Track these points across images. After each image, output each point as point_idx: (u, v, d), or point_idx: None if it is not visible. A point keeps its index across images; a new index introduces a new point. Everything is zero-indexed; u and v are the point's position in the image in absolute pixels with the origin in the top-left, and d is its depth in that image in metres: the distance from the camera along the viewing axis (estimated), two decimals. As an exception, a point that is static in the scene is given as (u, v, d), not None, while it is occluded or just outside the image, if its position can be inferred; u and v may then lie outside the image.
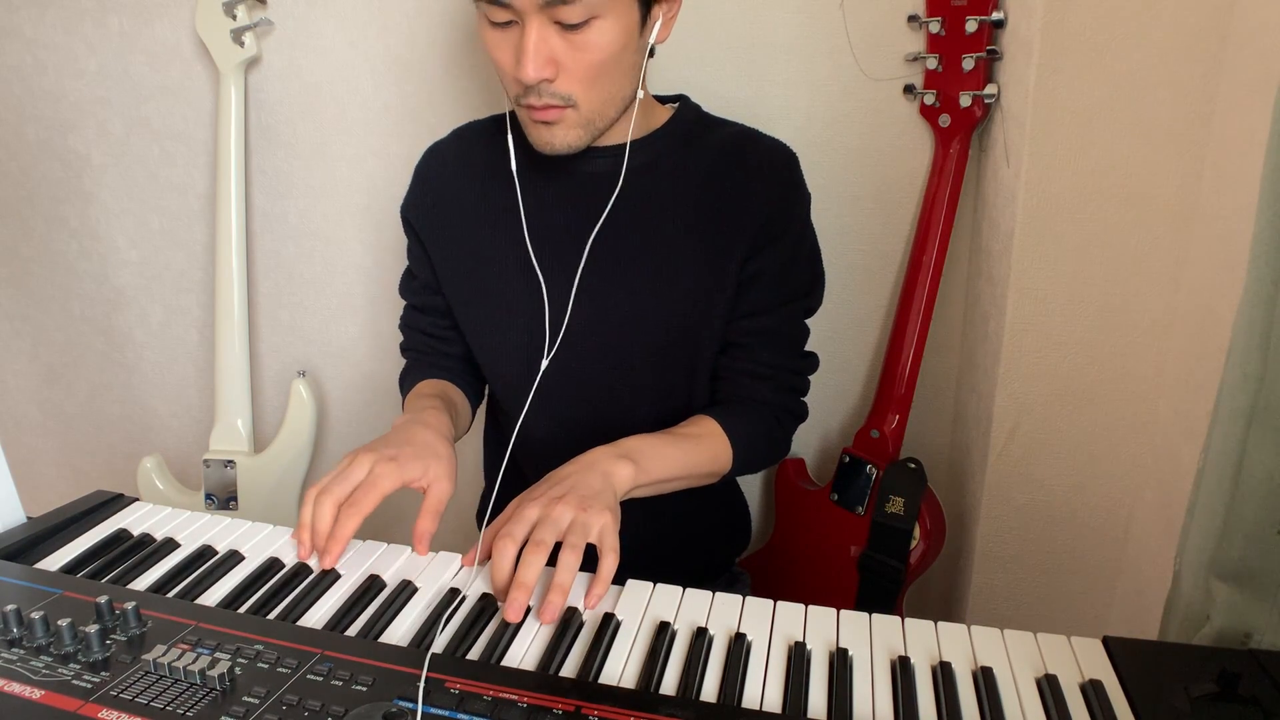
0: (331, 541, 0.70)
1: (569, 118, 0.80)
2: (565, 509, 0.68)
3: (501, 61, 0.79)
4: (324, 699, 0.52)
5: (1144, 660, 0.59)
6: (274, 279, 1.45)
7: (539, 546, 0.65)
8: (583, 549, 0.66)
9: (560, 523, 0.67)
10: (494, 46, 0.78)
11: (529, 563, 0.64)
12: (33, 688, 0.53)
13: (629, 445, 0.79)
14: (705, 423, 0.88)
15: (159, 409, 1.62)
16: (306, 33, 1.29)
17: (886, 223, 1.16)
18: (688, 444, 0.85)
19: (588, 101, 0.79)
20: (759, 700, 0.56)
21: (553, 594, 0.64)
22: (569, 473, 0.74)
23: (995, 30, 1.00)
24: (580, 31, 0.75)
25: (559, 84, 0.77)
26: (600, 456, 0.76)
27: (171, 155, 1.42)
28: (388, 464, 0.73)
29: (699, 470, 0.86)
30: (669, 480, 0.82)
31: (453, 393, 0.96)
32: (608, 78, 0.79)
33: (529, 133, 0.83)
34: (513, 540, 0.67)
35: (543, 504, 0.69)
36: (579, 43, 0.76)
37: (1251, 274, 0.60)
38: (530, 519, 0.68)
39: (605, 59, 0.77)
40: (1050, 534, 1.07)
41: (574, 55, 0.76)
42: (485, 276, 0.92)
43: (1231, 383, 0.62)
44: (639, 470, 0.77)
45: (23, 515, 0.75)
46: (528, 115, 0.81)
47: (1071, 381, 1.00)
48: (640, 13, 0.79)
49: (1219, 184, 0.85)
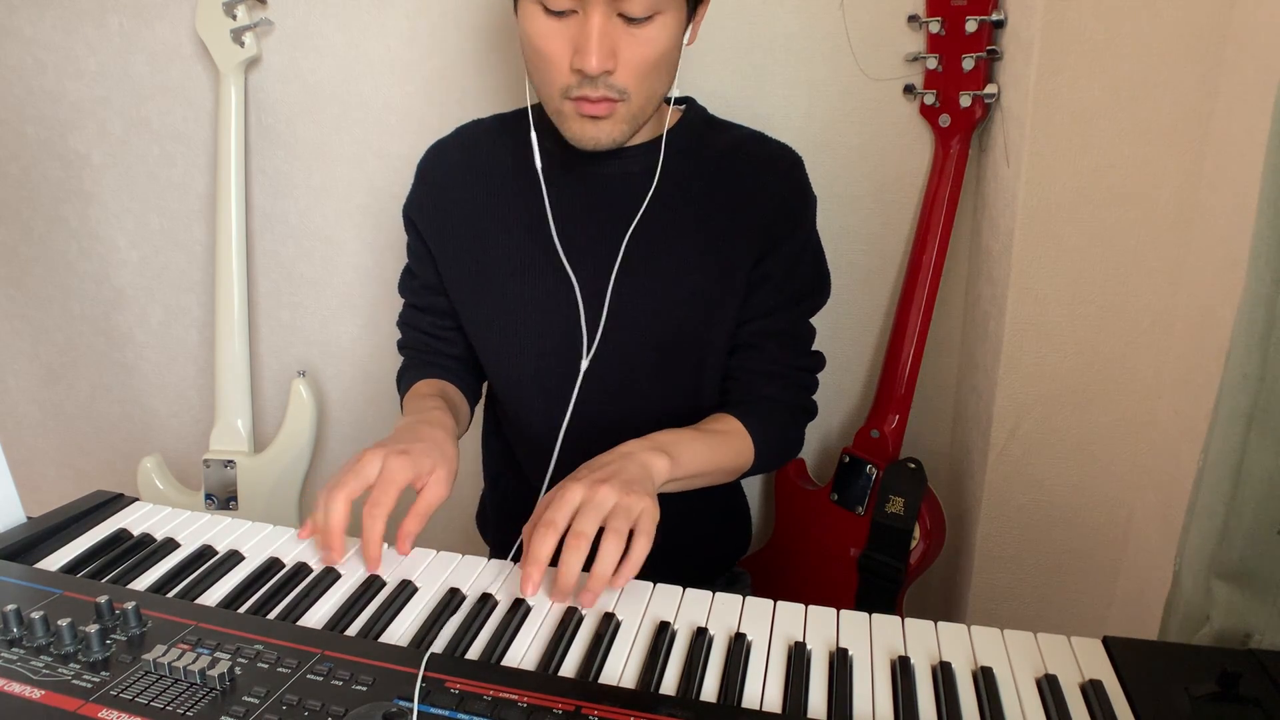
0: (366, 547, 0.69)
1: (619, 112, 0.80)
2: (610, 491, 0.67)
3: (553, 52, 0.77)
4: (324, 699, 0.52)
5: (1144, 660, 0.59)
6: (274, 279, 1.45)
7: (580, 540, 0.65)
8: (626, 535, 0.66)
9: (604, 506, 0.66)
10: (546, 36, 0.77)
11: (568, 563, 0.64)
12: (33, 688, 0.53)
13: (662, 439, 0.79)
14: (728, 420, 0.88)
15: (159, 409, 1.62)
16: (306, 33, 1.29)
17: (886, 223, 1.16)
18: (715, 440, 0.85)
19: (637, 96, 0.80)
20: (759, 700, 0.56)
21: (594, 582, 0.64)
22: (608, 460, 0.73)
23: (995, 30, 1.00)
24: (642, 25, 0.76)
25: (616, 77, 0.77)
26: (636, 448, 0.76)
27: (171, 155, 1.42)
28: (400, 458, 0.73)
29: (725, 466, 0.86)
30: (698, 475, 0.82)
31: (452, 392, 0.96)
32: (658, 74, 0.80)
33: (569, 127, 0.81)
34: (554, 530, 0.65)
35: (586, 486, 0.68)
36: (640, 36, 0.76)
37: (1251, 274, 0.60)
38: (573, 503, 0.67)
39: (661, 54, 0.78)
40: (1050, 534, 1.07)
41: (633, 49, 0.77)
42: (496, 276, 0.92)
43: (1231, 383, 0.62)
44: (674, 464, 0.77)
45: (23, 515, 0.75)
46: (574, 109, 0.80)
47: (1071, 381, 1.00)
48: (689, 12, 0.80)
49: (1219, 184, 0.85)
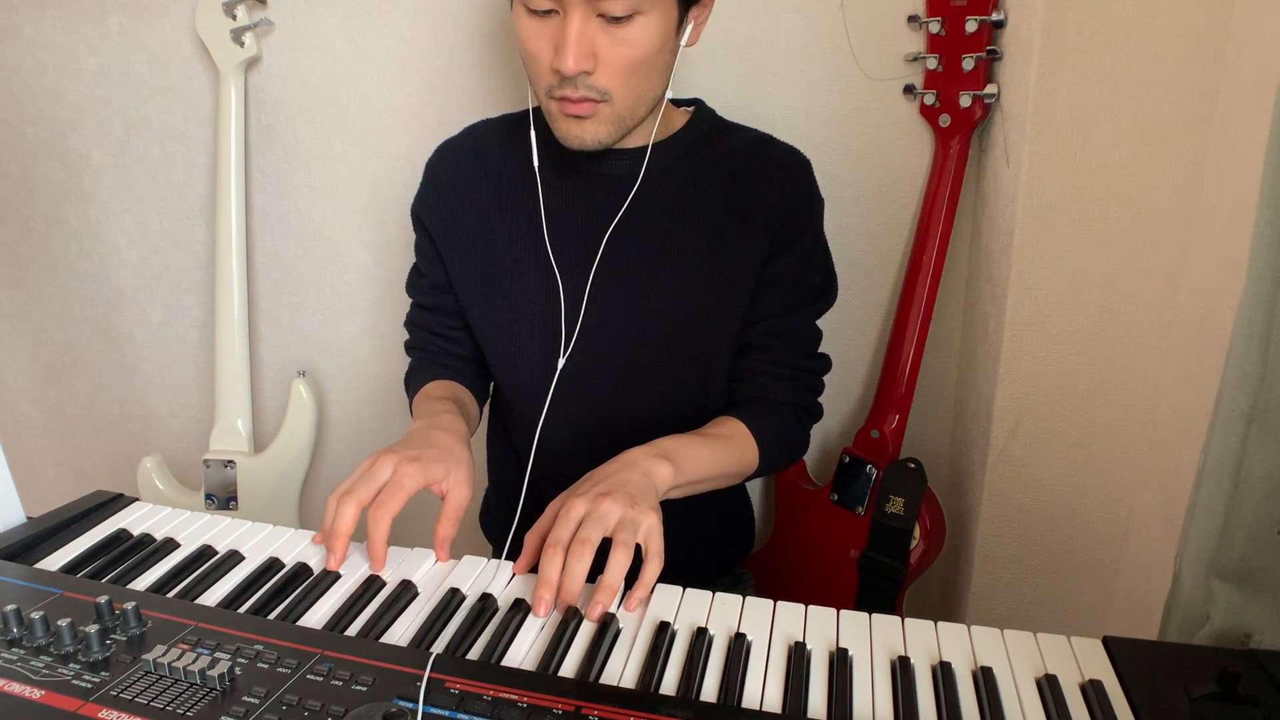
0: (371, 548, 0.69)
1: (602, 113, 0.80)
2: (613, 505, 0.67)
3: (537, 51, 0.78)
4: (324, 699, 0.52)
5: (1144, 660, 0.59)
6: (274, 279, 1.45)
7: (584, 546, 0.65)
8: (633, 547, 0.66)
9: (608, 519, 0.67)
10: (530, 36, 0.78)
11: (573, 571, 0.64)
12: (33, 688, 0.53)
13: (665, 445, 0.79)
14: (731, 424, 0.88)
15: (159, 409, 1.62)
16: (306, 33, 1.29)
17: (886, 223, 1.16)
18: (718, 444, 0.85)
19: (622, 97, 0.79)
20: (759, 700, 0.56)
21: (601, 593, 0.64)
22: (611, 471, 0.74)
23: (995, 30, 1.00)
24: (622, 26, 0.76)
25: (596, 78, 0.77)
26: (639, 456, 0.76)
27: (171, 155, 1.42)
28: (410, 465, 0.73)
29: (729, 470, 0.86)
30: (702, 481, 0.82)
31: (462, 394, 0.96)
32: (643, 75, 0.79)
33: (557, 127, 0.82)
34: (561, 547, 0.66)
35: (589, 499, 0.68)
36: (620, 37, 0.76)
37: (1251, 274, 0.60)
38: (576, 517, 0.67)
39: (644, 55, 0.78)
40: (1050, 534, 1.07)
41: (614, 49, 0.76)
42: (500, 276, 0.92)
43: (1231, 383, 0.62)
44: (677, 470, 0.77)
45: (23, 515, 0.75)
46: (559, 109, 0.80)
47: (1071, 381, 1.00)
48: (679, 13, 0.80)
49: (1219, 184, 0.85)
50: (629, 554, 0.66)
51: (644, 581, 0.66)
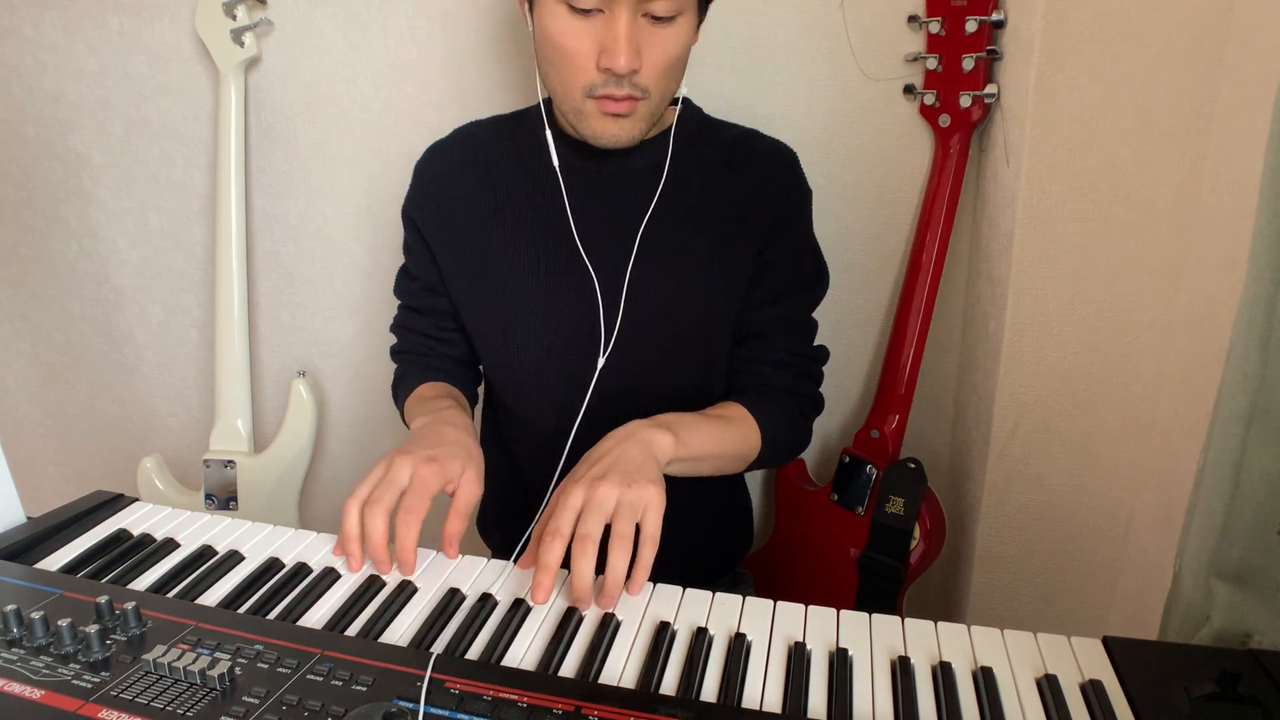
0: (402, 554, 0.69)
1: (639, 110, 0.81)
2: (610, 488, 0.67)
3: (577, 50, 0.78)
4: (324, 699, 0.52)
5: (1144, 660, 0.59)
6: (274, 279, 1.45)
7: (587, 542, 0.65)
8: (632, 538, 0.66)
9: (606, 505, 0.66)
10: (570, 34, 0.78)
11: (579, 570, 0.64)
12: (33, 688, 0.53)
13: (666, 418, 0.79)
14: (734, 407, 0.89)
15: (159, 409, 1.62)
16: (306, 33, 1.29)
17: (886, 223, 1.16)
18: (721, 424, 0.85)
19: (657, 94, 0.81)
20: (759, 700, 0.56)
21: (604, 600, 0.64)
22: (608, 447, 0.73)
23: (995, 30, 1.00)
24: (666, 25, 0.78)
25: (640, 76, 0.79)
26: (638, 427, 0.76)
27: (171, 155, 1.42)
28: (429, 465, 0.72)
29: (731, 451, 0.85)
30: (704, 458, 0.82)
31: (456, 394, 0.96)
32: (675, 73, 0.82)
33: (590, 125, 0.82)
34: (560, 537, 0.65)
35: (585, 485, 0.67)
36: (664, 36, 0.78)
37: (1251, 274, 0.60)
38: (575, 506, 0.67)
39: (681, 54, 0.80)
40: (1050, 534, 1.07)
41: (656, 48, 0.78)
42: (500, 274, 0.92)
43: (1231, 383, 0.62)
44: (678, 441, 0.76)
45: (23, 515, 0.75)
46: (597, 107, 0.80)
47: (1071, 381, 1.00)
48: (699, 12, 0.82)
49: (1219, 184, 0.85)
50: (628, 546, 0.65)
51: (641, 566, 0.66)
